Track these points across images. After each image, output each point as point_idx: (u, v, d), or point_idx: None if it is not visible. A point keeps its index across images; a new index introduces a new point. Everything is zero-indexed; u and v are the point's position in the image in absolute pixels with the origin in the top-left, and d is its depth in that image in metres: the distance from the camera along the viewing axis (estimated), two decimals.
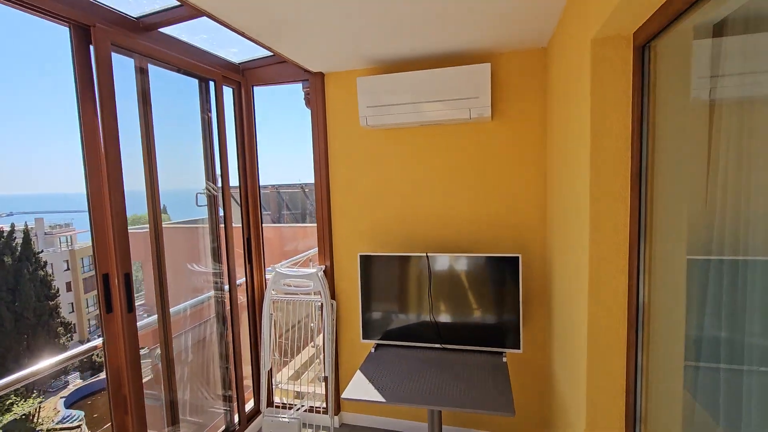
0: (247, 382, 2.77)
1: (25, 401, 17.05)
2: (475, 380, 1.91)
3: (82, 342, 27.23)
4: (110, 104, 1.68)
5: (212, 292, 2.50)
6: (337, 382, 2.70)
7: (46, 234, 28.96)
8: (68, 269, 29.28)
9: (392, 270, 2.31)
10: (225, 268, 2.48)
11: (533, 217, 2.31)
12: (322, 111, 2.57)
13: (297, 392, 2.93)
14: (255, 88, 2.70)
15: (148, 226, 2.02)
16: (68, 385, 24.56)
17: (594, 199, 1.36)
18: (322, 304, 2.62)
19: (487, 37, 2.02)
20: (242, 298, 2.74)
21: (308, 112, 2.67)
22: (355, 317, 2.65)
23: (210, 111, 2.39)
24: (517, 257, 2.11)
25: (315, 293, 2.67)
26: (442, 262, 2.23)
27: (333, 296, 2.68)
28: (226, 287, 2.50)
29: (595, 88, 1.32)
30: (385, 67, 2.41)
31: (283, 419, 2.60)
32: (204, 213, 2.51)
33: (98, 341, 1.80)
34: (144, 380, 2.37)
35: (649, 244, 1.28)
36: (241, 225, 2.75)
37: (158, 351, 2.06)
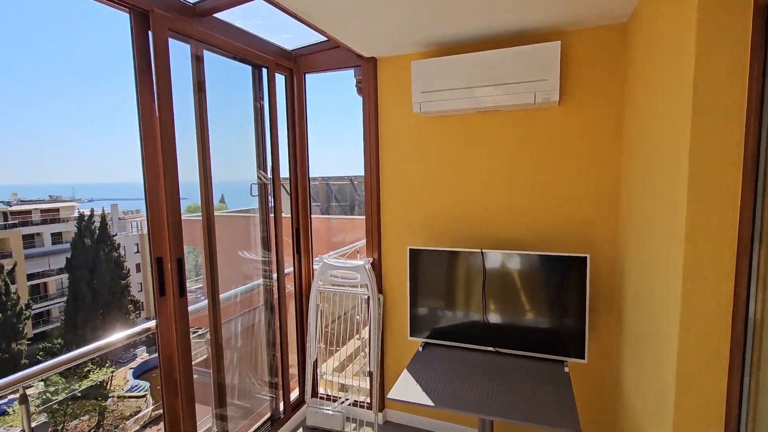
0: (293, 371, 2.78)
1: (100, 369, 18.85)
2: (533, 390, 1.74)
3: (148, 319, 29.63)
4: (166, 90, 1.69)
5: (261, 280, 2.51)
6: (382, 378, 2.63)
7: (120, 219, 31.67)
8: (138, 252, 31.93)
9: (443, 265, 2.18)
10: (274, 256, 2.48)
11: (603, 214, 2.07)
12: (373, 98, 2.47)
13: (341, 384, 2.89)
14: (307, 75, 2.66)
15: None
16: (136, 357, 26.89)
17: (693, 194, 1.14)
18: (368, 297, 2.55)
19: (557, 14, 1.81)
20: (290, 287, 2.74)
21: (359, 102, 2.59)
22: (402, 313, 2.56)
23: (262, 99, 2.38)
24: (585, 258, 1.90)
25: (361, 286, 2.61)
26: (498, 259, 2.07)
27: (380, 290, 2.60)
28: (275, 275, 2.50)
29: (700, 60, 1.10)
30: (442, 50, 2.26)
31: (327, 411, 2.57)
32: (257, 203, 2.53)
33: (152, 323, 1.84)
34: (199, 359, 2.45)
35: (766, 248, 1.05)
36: (290, 215, 2.74)
37: (208, 335, 2.09)
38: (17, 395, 1.42)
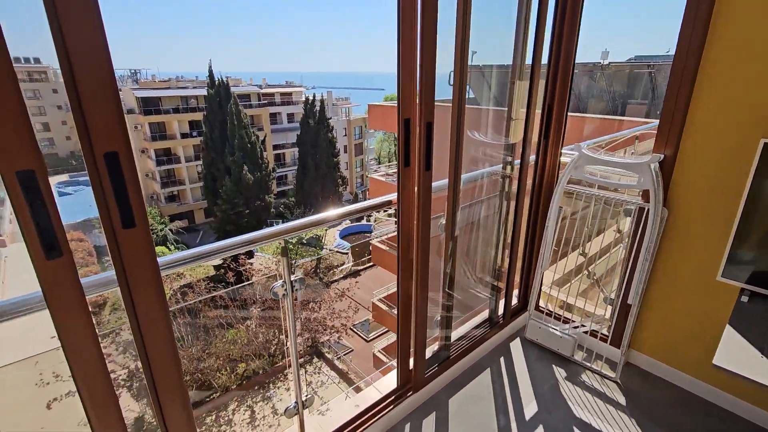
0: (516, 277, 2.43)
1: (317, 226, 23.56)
2: None
3: (351, 194, 35.09)
4: None
5: (498, 167, 2.07)
6: (638, 314, 2.02)
7: (333, 105, 36.15)
8: (345, 135, 36.57)
9: None
10: (518, 142, 1.97)
11: None
12: None
13: (567, 304, 2.43)
14: None
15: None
16: (341, 223, 32.80)
17: None
18: (642, 208, 1.84)
19: None
20: (528, 182, 2.24)
21: None
22: (704, 240, 1.77)
23: None
24: None
25: (638, 193, 1.89)
26: None
27: (664, 201, 1.83)
28: (517, 162, 2.02)
29: None
30: None
31: (554, 331, 2.18)
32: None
33: (393, 196, 1.64)
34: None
35: None
36: (542, 99, 2.09)
37: (443, 220, 1.83)
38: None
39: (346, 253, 28.02)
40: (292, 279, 1.51)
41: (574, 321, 2.24)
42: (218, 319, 12.94)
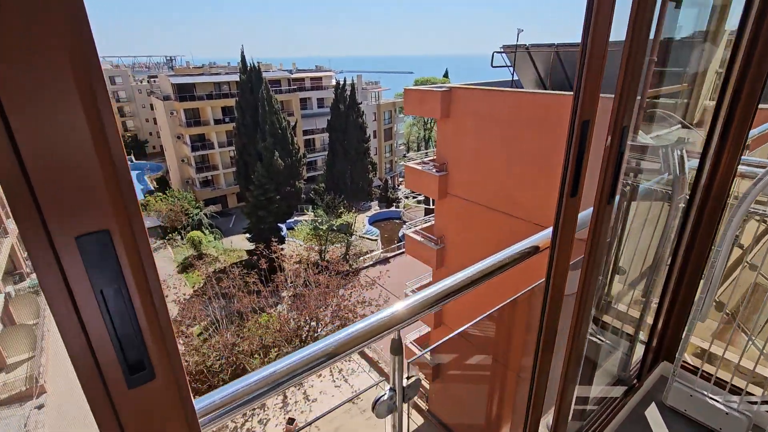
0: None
1: (348, 213, 23.67)
2: None
3: (380, 179, 34.93)
4: None
5: (663, 178, 1.69)
6: None
7: (362, 89, 35.70)
8: (374, 120, 36.19)
9: None
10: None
11: None
12: None
13: (734, 366, 1.70)
14: None
15: None
16: (371, 208, 32.79)
17: None
18: None
19: None
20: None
21: None
22: None
23: None
24: None
25: None
26: None
27: None
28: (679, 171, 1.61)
29: None
30: None
31: (715, 402, 1.57)
32: None
33: (541, 236, 1.35)
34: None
35: None
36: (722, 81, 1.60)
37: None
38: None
39: (376, 240, 28.08)
40: (404, 383, 1.03)
41: (751, 393, 1.60)
42: (251, 305, 13.20)
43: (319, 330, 14.83)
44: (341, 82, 28.59)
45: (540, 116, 6.62)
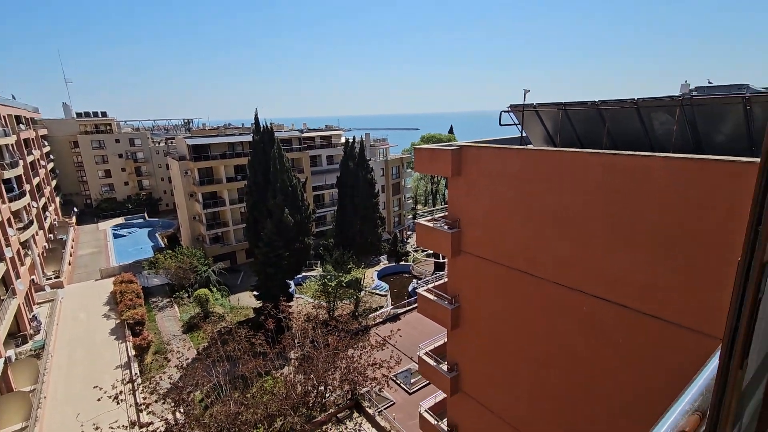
0: None
1: (357, 269, 23.27)
2: None
3: (389, 233, 34.83)
4: None
5: None
6: None
7: (370, 146, 36.83)
8: (383, 175, 36.90)
9: None
10: None
11: None
12: None
13: None
14: None
15: None
16: (380, 262, 32.34)
17: None
18: None
19: None
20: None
21: None
22: None
23: None
24: None
25: None
26: None
27: None
28: None
29: None
30: None
31: None
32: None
33: None
34: None
35: None
36: None
37: None
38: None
39: (385, 295, 27.31)
40: None
41: None
42: (257, 369, 12.53)
43: (327, 395, 13.95)
44: (350, 140, 29.56)
45: (556, 172, 6.50)
